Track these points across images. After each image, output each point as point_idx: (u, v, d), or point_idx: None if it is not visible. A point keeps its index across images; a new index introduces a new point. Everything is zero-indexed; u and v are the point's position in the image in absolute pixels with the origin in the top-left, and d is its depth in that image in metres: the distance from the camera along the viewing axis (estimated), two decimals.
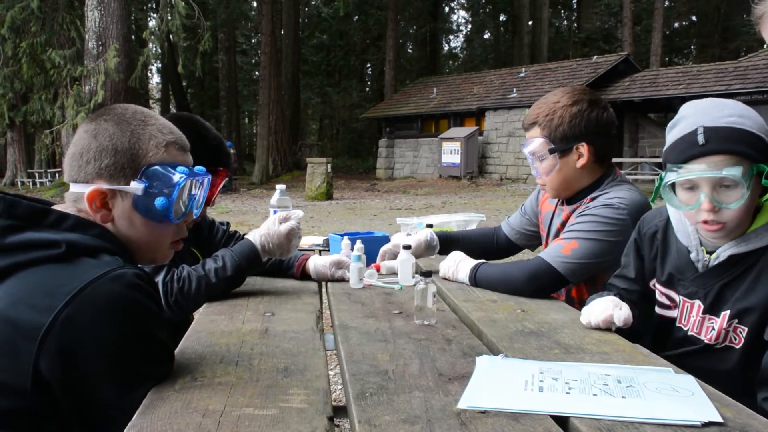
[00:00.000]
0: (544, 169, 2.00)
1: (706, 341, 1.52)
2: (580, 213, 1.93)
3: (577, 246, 1.84)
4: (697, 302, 1.53)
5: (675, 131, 1.45)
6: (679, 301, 1.59)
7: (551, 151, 1.97)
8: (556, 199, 2.14)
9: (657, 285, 1.65)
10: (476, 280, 1.96)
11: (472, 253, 2.09)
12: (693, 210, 1.42)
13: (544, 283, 1.87)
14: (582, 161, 1.96)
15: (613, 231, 1.83)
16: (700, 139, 1.37)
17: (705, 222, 1.41)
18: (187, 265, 1.77)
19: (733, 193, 1.37)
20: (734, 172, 1.33)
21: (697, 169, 1.37)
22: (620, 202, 1.85)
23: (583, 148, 1.94)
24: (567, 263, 1.84)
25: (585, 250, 1.83)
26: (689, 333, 1.56)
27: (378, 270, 2.12)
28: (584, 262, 1.84)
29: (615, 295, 1.59)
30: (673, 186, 1.47)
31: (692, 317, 1.55)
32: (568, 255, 1.84)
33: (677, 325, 1.60)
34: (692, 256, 1.54)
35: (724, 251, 1.46)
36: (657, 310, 1.66)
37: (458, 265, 2.03)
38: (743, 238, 1.44)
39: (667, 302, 1.63)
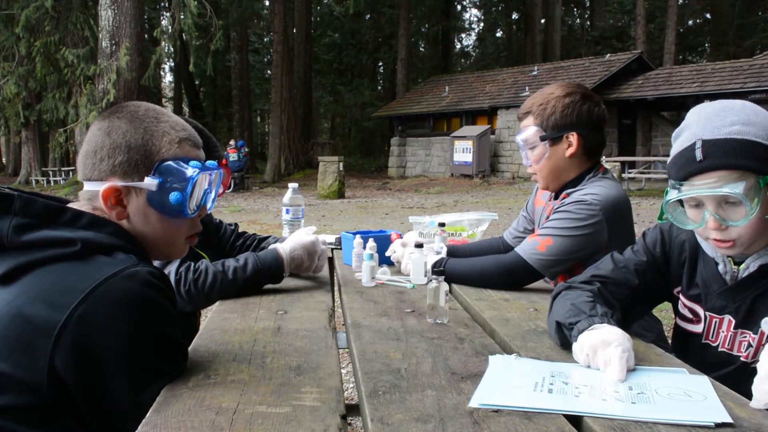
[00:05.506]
0: (535, 157, 2.07)
1: (742, 359, 1.41)
2: (555, 209, 1.98)
3: (551, 243, 1.89)
4: (728, 317, 1.43)
5: (678, 142, 1.36)
6: (705, 316, 1.48)
7: (542, 139, 2.02)
8: (547, 194, 2.20)
9: (681, 296, 1.55)
10: (445, 274, 1.94)
11: None
12: (701, 227, 1.34)
13: (519, 279, 1.95)
14: (571, 150, 2.00)
15: (586, 225, 1.88)
16: (698, 154, 1.27)
17: (715, 240, 1.33)
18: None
19: (739, 210, 1.27)
20: (736, 188, 1.23)
21: (698, 187, 1.28)
22: (593, 198, 1.89)
23: (573, 137, 1.99)
24: (541, 260, 1.90)
25: (558, 247, 1.89)
26: (720, 350, 1.46)
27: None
28: (558, 258, 1.89)
29: (596, 293, 1.45)
30: (681, 202, 1.38)
31: (722, 333, 1.45)
32: (542, 252, 1.90)
33: (704, 341, 1.49)
34: (720, 268, 1.43)
35: (754, 261, 1.36)
36: (678, 321, 1.57)
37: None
38: None
39: (690, 316, 1.52)
